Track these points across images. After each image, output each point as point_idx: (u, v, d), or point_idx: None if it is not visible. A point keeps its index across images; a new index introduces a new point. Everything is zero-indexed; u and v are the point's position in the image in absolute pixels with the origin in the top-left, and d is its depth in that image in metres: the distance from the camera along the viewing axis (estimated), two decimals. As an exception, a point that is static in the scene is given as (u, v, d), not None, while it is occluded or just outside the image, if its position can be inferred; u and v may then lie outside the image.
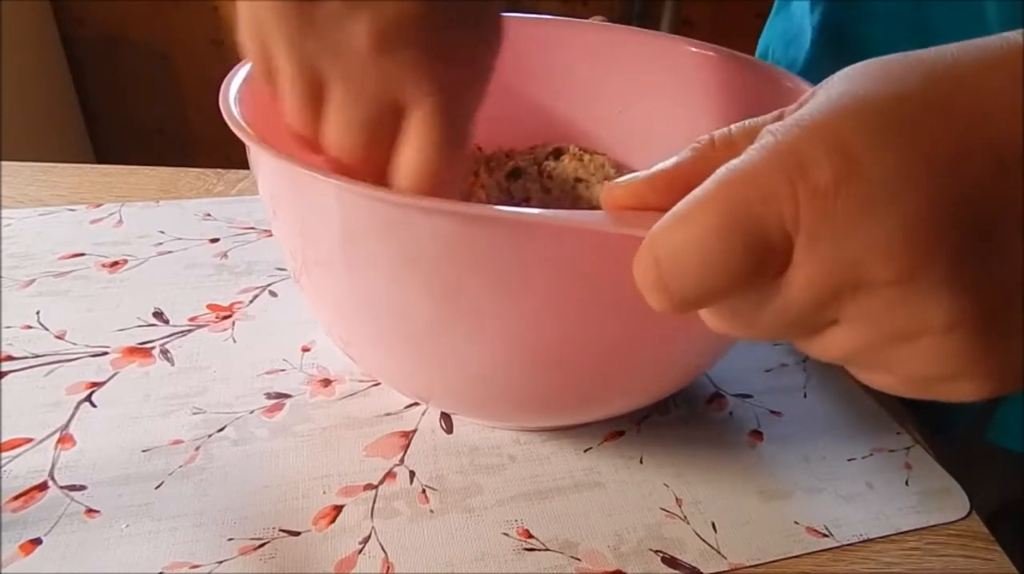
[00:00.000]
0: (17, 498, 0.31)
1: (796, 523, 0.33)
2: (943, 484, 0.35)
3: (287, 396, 0.37)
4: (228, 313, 0.43)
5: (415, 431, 0.36)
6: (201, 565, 0.29)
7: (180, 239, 0.49)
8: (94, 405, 0.36)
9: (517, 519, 0.32)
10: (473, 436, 0.36)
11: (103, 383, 0.37)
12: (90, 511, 0.31)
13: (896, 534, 0.32)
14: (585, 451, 0.35)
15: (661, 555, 0.31)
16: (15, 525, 0.30)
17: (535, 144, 0.43)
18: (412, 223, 0.25)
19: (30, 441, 0.34)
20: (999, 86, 0.17)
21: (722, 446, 0.36)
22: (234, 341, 0.41)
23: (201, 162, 0.61)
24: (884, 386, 0.20)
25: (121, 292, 0.44)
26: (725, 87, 0.40)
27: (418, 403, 0.37)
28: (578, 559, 0.30)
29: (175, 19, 1.75)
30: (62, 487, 0.32)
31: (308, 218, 0.28)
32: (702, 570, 0.30)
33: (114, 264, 0.46)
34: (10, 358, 0.38)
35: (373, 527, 0.31)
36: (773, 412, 0.39)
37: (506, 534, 0.31)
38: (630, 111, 0.43)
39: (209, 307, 0.43)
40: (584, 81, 0.44)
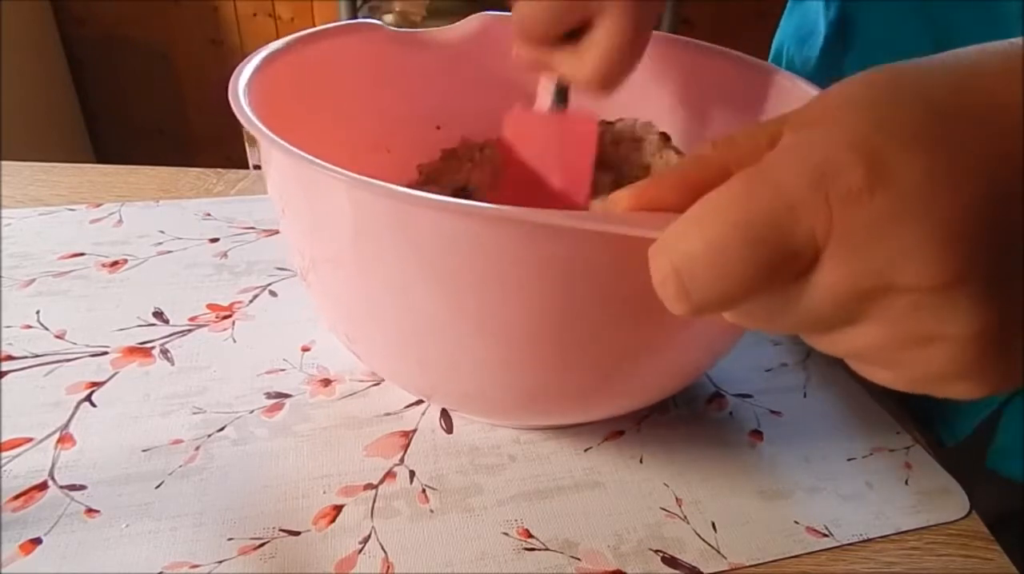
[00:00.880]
0: (17, 498, 0.31)
1: (796, 523, 0.33)
2: (943, 484, 0.35)
3: (287, 396, 0.37)
4: (228, 313, 0.43)
5: (415, 431, 0.36)
6: (201, 565, 0.29)
7: (180, 239, 0.49)
8: (94, 405, 0.36)
9: (517, 519, 0.32)
10: (473, 436, 0.36)
11: (103, 383, 0.37)
12: (90, 511, 0.31)
13: (896, 534, 0.32)
14: (585, 451, 0.35)
15: (661, 555, 0.31)
16: (15, 525, 0.30)
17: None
18: (421, 219, 0.25)
19: (30, 441, 0.34)
20: None
21: (722, 446, 0.36)
22: (234, 341, 0.41)
23: (201, 162, 0.61)
24: (883, 381, 0.20)
25: (121, 292, 0.44)
26: (723, 87, 0.40)
27: (418, 403, 0.37)
28: (578, 559, 0.30)
29: (175, 19, 1.75)
30: (62, 487, 0.32)
31: (318, 214, 0.28)
32: (702, 570, 0.30)
33: (114, 264, 0.46)
34: (10, 358, 0.38)
35: (373, 527, 0.31)
36: (773, 412, 0.39)
37: (506, 534, 0.31)
38: (629, 112, 0.43)
39: (209, 307, 0.43)
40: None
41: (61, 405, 0.36)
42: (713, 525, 0.32)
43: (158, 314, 0.42)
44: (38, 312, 0.41)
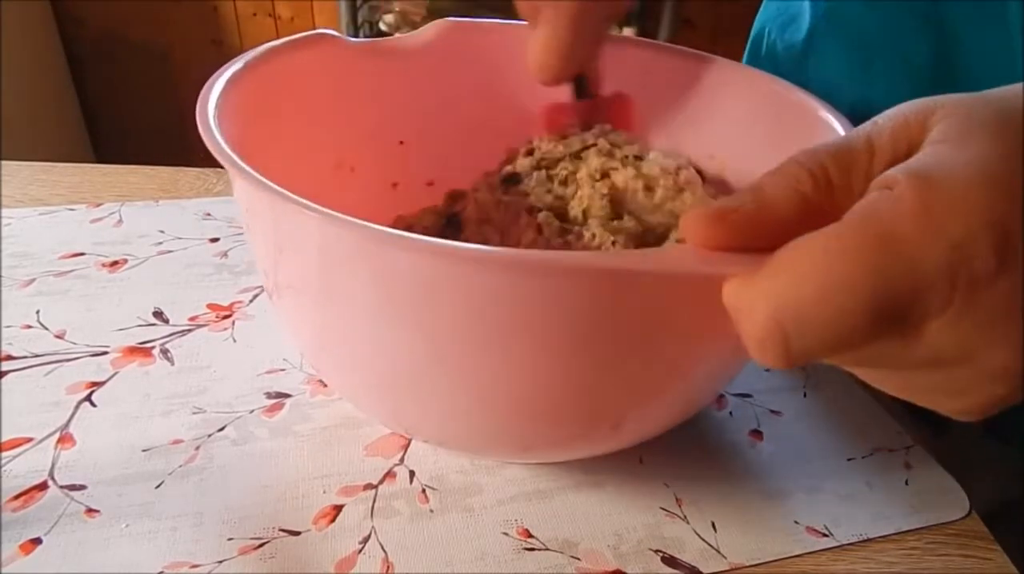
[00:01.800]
0: (17, 498, 0.31)
1: (796, 523, 0.33)
2: (943, 484, 0.35)
3: (287, 396, 0.37)
4: (228, 313, 0.43)
5: (415, 431, 0.36)
6: (201, 565, 0.29)
7: (180, 239, 0.49)
8: (94, 405, 0.36)
9: (517, 519, 0.32)
10: (473, 436, 0.36)
11: (103, 383, 0.37)
12: (90, 511, 0.31)
13: (896, 534, 0.32)
14: (585, 451, 0.35)
15: (661, 555, 0.31)
16: (15, 525, 0.30)
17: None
18: (394, 259, 0.23)
19: (30, 441, 0.34)
20: None
21: (722, 446, 0.36)
22: (234, 341, 0.41)
23: (201, 162, 0.61)
24: (885, 389, 0.20)
25: (121, 292, 0.44)
26: (722, 96, 0.39)
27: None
28: (578, 559, 0.30)
29: (175, 19, 1.75)
30: (62, 487, 0.32)
31: (285, 244, 0.27)
32: (702, 570, 0.30)
33: (114, 264, 0.46)
34: (10, 358, 0.38)
35: (373, 527, 0.31)
36: (773, 412, 0.39)
37: (506, 534, 0.31)
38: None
39: (209, 307, 0.43)
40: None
41: (61, 405, 0.36)
42: (713, 525, 0.32)
43: (158, 314, 0.42)
44: (38, 312, 0.41)
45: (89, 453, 0.33)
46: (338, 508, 0.32)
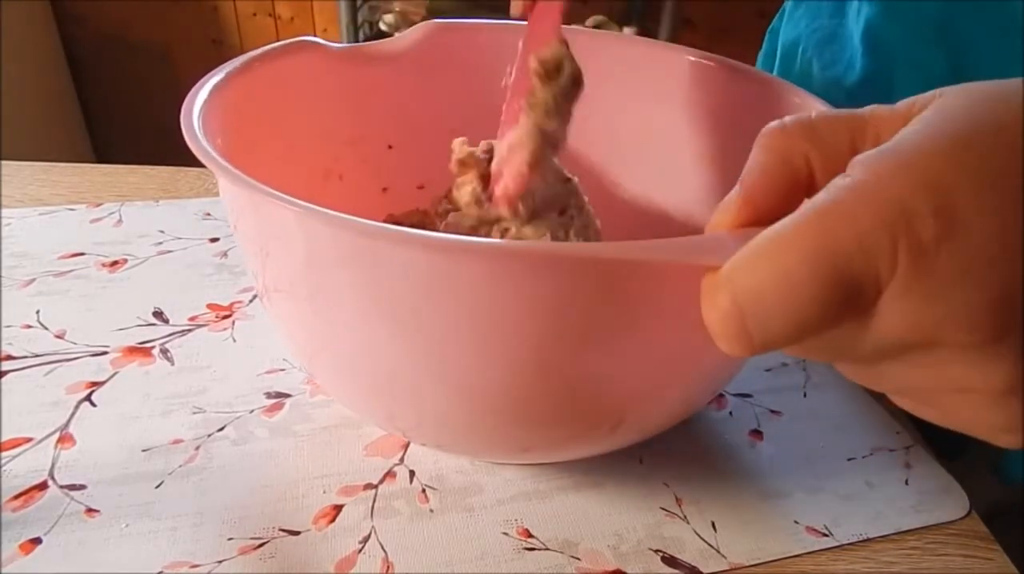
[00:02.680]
0: (17, 498, 0.31)
1: (796, 523, 0.33)
2: (943, 484, 0.35)
3: (287, 396, 0.37)
4: (228, 313, 0.43)
5: (415, 431, 0.36)
6: (201, 565, 0.29)
7: (180, 239, 0.49)
8: (94, 405, 0.36)
9: (517, 519, 0.32)
10: (473, 436, 0.36)
11: (103, 383, 0.37)
12: (90, 511, 0.31)
13: (896, 534, 0.32)
14: (585, 451, 0.35)
15: (661, 555, 0.31)
16: (15, 525, 0.30)
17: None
18: (381, 253, 0.23)
19: (30, 441, 0.34)
20: None
21: (722, 446, 0.36)
22: (234, 341, 0.41)
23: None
24: (896, 401, 0.20)
25: (121, 292, 0.44)
26: (721, 98, 0.39)
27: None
28: (578, 559, 0.30)
29: (175, 19, 1.75)
30: (62, 487, 0.32)
31: (270, 244, 0.26)
32: (702, 570, 0.30)
33: (114, 264, 0.46)
34: (10, 358, 0.38)
35: (373, 527, 0.31)
36: (773, 412, 0.39)
37: (506, 534, 0.31)
38: (623, 123, 0.42)
39: (209, 307, 0.43)
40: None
41: (61, 405, 0.36)
42: (713, 525, 0.32)
43: (158, 314, 0.42)
44: (38, 312, 0.41)
45: (89, 453, 0.33)
46: (338, 508, 0.32)
